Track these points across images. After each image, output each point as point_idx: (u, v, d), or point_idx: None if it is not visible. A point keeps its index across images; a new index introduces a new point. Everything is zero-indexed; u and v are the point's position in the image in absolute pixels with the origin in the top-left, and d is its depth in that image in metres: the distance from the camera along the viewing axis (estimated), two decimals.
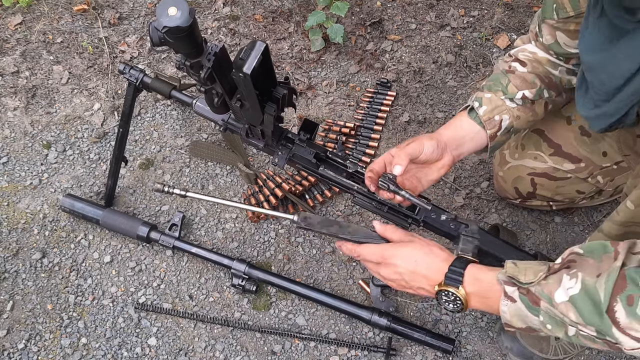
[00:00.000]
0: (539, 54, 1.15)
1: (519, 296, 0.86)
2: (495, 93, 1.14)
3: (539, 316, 0.84)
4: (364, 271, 1.50)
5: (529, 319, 0.86)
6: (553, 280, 0.82)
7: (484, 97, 1.14)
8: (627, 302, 0.74)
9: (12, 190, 1.62)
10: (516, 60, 1.16)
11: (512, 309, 0.87)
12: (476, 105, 1.13)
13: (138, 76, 1.44)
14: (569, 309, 0.79)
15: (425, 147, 1.07)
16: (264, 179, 1.60)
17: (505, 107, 1.14)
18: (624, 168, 1.28)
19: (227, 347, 1.41)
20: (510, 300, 0.87)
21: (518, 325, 0.88)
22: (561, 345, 1.33)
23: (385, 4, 1.95)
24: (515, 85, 1.14)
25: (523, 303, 0.85)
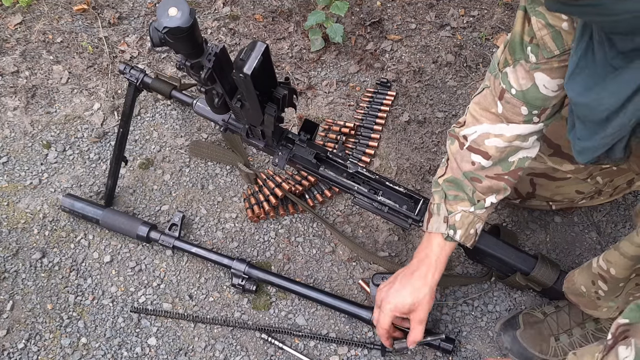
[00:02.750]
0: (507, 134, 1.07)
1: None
2: (462, 203, 1.15)
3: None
4: (364, 271, 1.50)
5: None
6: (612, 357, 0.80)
7: (456, 222, 1.15)
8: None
9: (12, 190, 1.62)
10: (479, 152, 1.10)
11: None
12: (451, 234, 1.16)
13: (138, 76, 1.44)
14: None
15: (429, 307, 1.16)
16: (264, 179, 1.60)
17: (476, 218, 1.16)
18: (623, 169, 1.28)
19: (227, 346, 1.41)
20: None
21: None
22: (561, 346, 1.33)
23: (385, 4, 1.95)
24: (482, 192, 1.14)
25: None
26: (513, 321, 1.38)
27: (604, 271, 1.10)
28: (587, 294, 1.18)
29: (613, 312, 1.20)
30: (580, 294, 1.21)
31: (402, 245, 1.54)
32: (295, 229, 1.57)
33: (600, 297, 1.16)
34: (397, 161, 1.66)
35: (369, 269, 1.50)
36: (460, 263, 1.51)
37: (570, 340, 1.33)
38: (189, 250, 1.46)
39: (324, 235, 1.56)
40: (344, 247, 1.54)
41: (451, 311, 1.45)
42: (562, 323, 1.34)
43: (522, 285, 1.34)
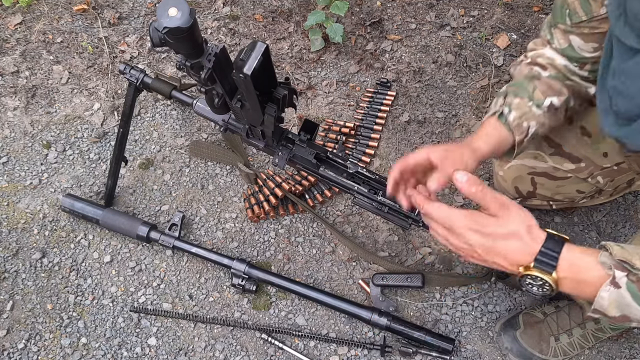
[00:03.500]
0: (557, 60, 1.12)
1: (627, 283, 0.77)
2: (522, 99, 1.11)
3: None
4: (364, 271, 1.50)
5: (630, 310, 0.78)
6: None
7: (514, 102, 1.11)
8: None
9: (12, 190, 1.62)
10: (537, 65, 1.14)
11: (612, 296, 0.79)
12: (506, 111, 1.11)
13: (138, 76, 1.44)
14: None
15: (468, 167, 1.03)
16: (264, 179, 1.60)
17: (532, 114, 1.11)
18: (624, 169, 1.28)
19: (227, 346, 1.41)
20: (614, 287, 0.78)
21: (612, 313, 0.81)
22: (561, 347, 1.33)
23: (385, 4, 1.95)
24: (542, 91, 1.11)
25: (629, 291, 0.77)
26: (513, 321, 1.38)
27: None
28: None
29: None
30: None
31: (402, 245, 1.54)
32: (295, 229, 1.57)
33: None
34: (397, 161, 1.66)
35: (369, 269, 1.50)
36: (460, 263, 1.51)
37: (570, 340, 1.33)
38: (189, 250, 1.46)
39: (324, 235, 1.56)
40: (344, 247, 1.54)
41: (451, 311, 1.45)
42: (562, 323, 1.34)
43: None
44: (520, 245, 0.83)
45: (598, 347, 1.40)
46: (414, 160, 1.02)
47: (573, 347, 1.33)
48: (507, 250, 0.84)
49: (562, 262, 0.81)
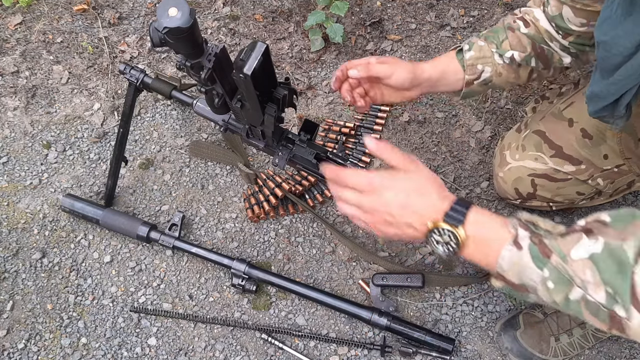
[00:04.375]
0: (541, 21, 1.15)
1: (529, 245, 0.77)
2: (489, 44, 1.17)
3: (544, 270, 0.76)
4: (364, 271, 1.50)
5: (527, 274, 0.78)
6: (571, 239, 0.75)
7: (476, 44, 1.17)
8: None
9: (12, 190, 1.62)
10: (522, 19, 1.18)
11: (514, 258, 0.78)
12: (465, 48, 1.17)
13: (139, 76, 1.44)
14: (585, 266, 0.72)
15: (395, 76, 1.10)
16: (264, 179, 1.60)
17: (491, 60, 1.17)
18: (624, 171, 1.28)
19: (227, 347, 1.41)
20: (516, 247, 0.78)
21: (511, 278, 0.80)
22: (561, 347, 1.33)
23: (385, 4, 1.95)
24: (510, 43, 1.16)
25: (531, 253, 0.77)
26: (513, 321, 1.38)
27: None
28: None
29: None
30: None
31: (402, 245, 1.54)
32: (295, 229, 1.57)
33: None
34: None
35: (369, 269, 1.50)
36: (460, 263, 1.51)
37: (570, 341, 1.33)
38: (189, 250, 1.46)
39: (324, 235, 1.56)
40: (344, 247, 1.54)
41: (451, 311, 1.45)
42: (562, 323, 1.34)
43: None
44: (432, 200, 0.84)
45: (598, 347, 1.40)
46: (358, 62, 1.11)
47: (573, 347, 1.33)
48: (420, 206, 0.84)
49: (470, 217, 0.82)
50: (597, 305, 0.73)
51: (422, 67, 1.16)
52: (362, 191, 0.88)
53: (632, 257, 0.70)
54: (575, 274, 0.73)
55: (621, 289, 0.70)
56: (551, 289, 0.76)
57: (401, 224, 0.86)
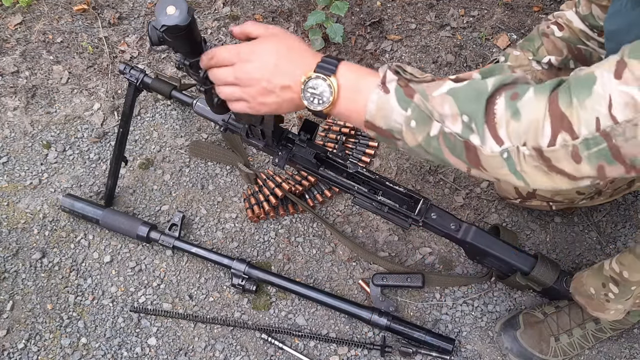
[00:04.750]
0: (575, 22, 1.16)
1: (395, 87, 0.78)
2: (525, 52, 1.18)
3: (407, 110, 0.77)
4: (364, 271, 1.50)
5: (393, 115, 0.79)
6: (436, 84, 0.78)
7: (512, 54, 1.19)
8: (510, 97, 0.71)
9: (12, 190, 1.62)
10: (555, 24, 1.18)
11: (381, 102, 0.79)
12: (502, 60, 1.18)
13: (138, 76, 1.44)
14: (444, 100, 0.75)
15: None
16: (264, 179, 1.60)
17: (529, 68, 1.17)
18: None
19: (227, 347, 1.41)
20: (384, 91, 0.79)
21: (379, 123, 0.81)
22: (561, 347, 1.33)
23: (385, 4, 1.95)
24: (547, 49, 1.17)
25: (396, 95, 0.78)
26: (513, 321, 1.38)
27: (617, 274, 1.10)
28: (597, 296, 1.19)
29: (620, 314, 1.21)
30: (589, 296, 1.21)
31: (402, 245, 1.54)
32: (295, 229, 1.57)
33: (609, 300, 1.16)
34: (397, 161, 1.66)
35: (369, 269, 1.50)
36: (460, 263, 1.51)
37: (570, 341, 1.33)
38: (189, 250, 1.46)
39: (324, 235, 1.56)
40: (344, 247, 1.54)
41: (451, 311, 1.45)
42: (562, 323, 1.34)
43: (522, 285, 1.34)
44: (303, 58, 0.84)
45: (598, 347, 1.40)
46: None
47: (573, 348, 1.33)
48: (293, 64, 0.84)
49: (341, 68, 0.82)
50: (454, 137, 0.75)
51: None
52: (232, 64, 0.86)
53: (491, 87, 0.72)
54: (434, 109, 0.75)
55: (476, 115, 0.72)
56: (413, 128, 0.78)
57: (278, 88, 0.85)
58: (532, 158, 0.70)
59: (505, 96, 0.71)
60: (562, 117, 0.67)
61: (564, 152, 0.68)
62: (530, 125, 0.69)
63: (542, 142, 0.69)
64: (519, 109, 0.70)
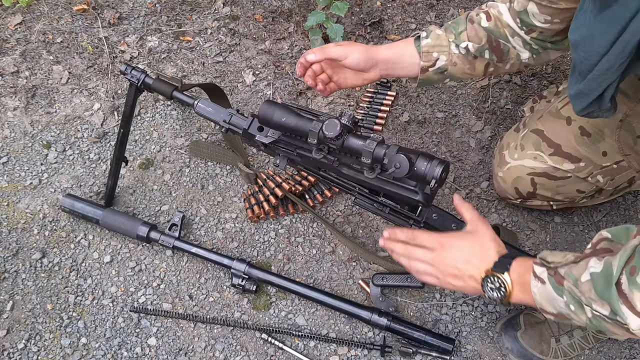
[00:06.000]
0: (504, 16, 1.19)
1: (547, 277, 0.89)
2: (448, 34, 1.22)
3: (563, 296, 0.86)
4: (364, 271, 1.50)
5: (556, 302, 0.88)
6: (582, 264, 0.84)
7: (434, 32, 1.22)
8: (630, 272, 0.76)
9: (12, 190, 1.62)
10: (485, 13, 1.21)
11: (542, 291, 0.90)
12: (423, 35, 1.22)
13: (140, 77, 1.44)
14: (590, 286, 0.81)
15: (351, 56, 1.17)
16: (264, 179, 1.60)
17: (447, 49, 1.21)
18: (624, 167, 1.28)
19: (227, 347, 1.41)
20: (540, 282, 0.90)
21: (549, 309, 0.91)
22: (561, 348, 1.33)
23: (385, 4, 1.95)
24: (468, 35, 1.21)
25: (550, 284, 0.88)
26: (514, 321, 1.38)
27: None
28: None
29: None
30: None
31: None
32: (295, 229, 1.57)
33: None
34: None
35: (369, 269, 1.50)
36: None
37: (570, 342, 1.33)
38: (189, 250, 1.46)
39: (324, 235, 1.56)
40: (344, 247, 1.54)
41: (451, 311, 1.45)
42: (562, 324, 1.34)
43: None
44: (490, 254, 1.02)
45: (598, 348, 1.40)
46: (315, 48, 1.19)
47: (573, 349, 1.33)
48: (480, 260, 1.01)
49: (514, 265, 0.98)
50: (603, 316, 0.82)
51: (378, 48, 1.22)
52: (432, 249, 1.05)
53: (616, 269, 0.78)
54: (583, 294, 0.82)
55: (611, 299, 0.78)
56: (574, 312, 0.86)
57: (465, 277, 1.02)
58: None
59: (626, 273, 0.77)
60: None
61: None
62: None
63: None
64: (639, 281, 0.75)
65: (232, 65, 1.85)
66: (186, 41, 1.89)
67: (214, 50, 1.87)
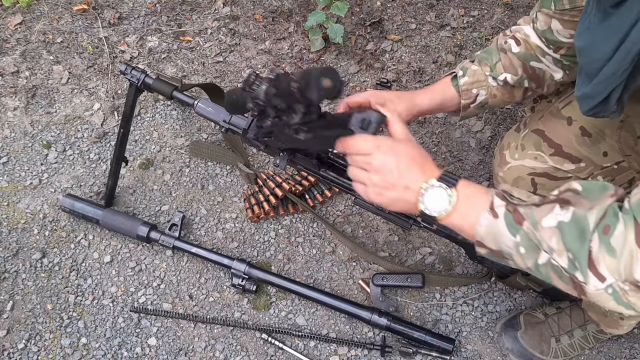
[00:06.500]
0: (532, 38, 1.18)
1: (504, 213, 0.81)
2: (483, 67, 1.21)
3: (517, 236, 0.80)
4: (364, 271, 1.50)
5: (503, 239, 0.82)
6: (545, 208, 0.79)
7: (470, 69, 1.21)
8: (603, 231, 0.72)
9: (12, 190, 1.62)
10: (513, 38, 1.21)
11: (491, 225, 0.82)
12: (460, 74, 1.21)
13: (140, 77, 1.44)
14: (553, 234, 0.76)
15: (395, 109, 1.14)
16: (264, 179, 1.60)
17: (485, 84, 1.21)
18: (624, 168, 1.28)
19: (227, 347, 1.41)
20: (492, 215, 0.82)
21: (488, 244, 0.84)
22: (562, 348, 1.33)
23: (385, 4, 1.95)
24: (504, 65, 1.20)
25: (505, 220, 0.81)
26: (514, 321, 1.38)
27: None
28: (610, 314, 1.19)
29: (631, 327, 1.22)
30: (603, 314, 1.22)
31: (402, 245, 1.54)
32: (295, 229, 1.57)
33: (624, 318, 1.17)
34: None
35: (369, 269, 1.50)
36: (460, 263, 1.51)
37: (570, 342, 1.33)
38: (189, 250, 1.46)
39: (324, 235, 1.56)
40: (344, 247, 1.54)
41: (451, 311, 1.45)
42: (563, 324, 1.34)
43: (522, 285, 1.34)
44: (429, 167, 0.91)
45: (598, 347, 1.40)
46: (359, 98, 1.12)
47: (574, 348, 1.33)
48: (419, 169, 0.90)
49: (462, 182, 0.88)
50: (560, 269, 0.77)
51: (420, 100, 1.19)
52: (369, 153, 0.93)
53: (593, 225, 0.73)
54: (543, 240, 0.77)
55: (579, 255, 0.74)
56: (523, 254, 0.81)
57: (401, 187, 0.90)
58: (634, 291, 0.72)
59: (598, 231, 0.73)
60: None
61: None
62: (627, 261, 0.70)
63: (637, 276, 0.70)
64: (613, 244, 0.71)
65: (232, 65, 1.85)
66: (186, 41, 1.89)
67: (214, 50, 1.87)
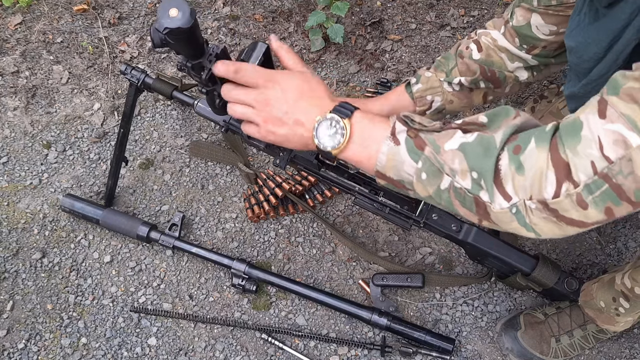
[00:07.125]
0: (499, 41, 1.16)
1: (405, 139, 0.78)
2: (438, 73, 1.20)
3: (418, 162, 0.77)
4: (364, 271, 1.50)
5: (404, 167, 0.79)
6: (446, 134, 0.77)
7: (423, 76, 1.21)
8: (513, 150, 0.71)
9: (12, 190, 1.62)
10: (476, 42, 1.19)
11: (392, 153, 0.79)
12: (413, 82, 1.21)
13: (140, 77, 1.44)
14: (455, 155, 0.75)
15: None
16: (264, 179, 1.60)
17: (440, 90, 1.20)
18: None
19: (227, 347, 1.41)
20: (394, 142, 0.79)
21: (389, 174, 0.81)
22: (562, 348, 1.33)
23: (385, 4, 1.95)
24: (460, 70, 1.19)
25: (407, 146, 0.78)
26: (514, 321, 1.38)
27: (628, 289, 1.11)
28: (606, 310, 1.19)
29: (628, 325, 1.22)
30: (599, 309, 1.22)
31: (402, 245, 1.54)
32: (295, 229, 1.57)
33: (619, 314, 1.17)
34: None
35: (369, 269, 1.50)
36: (461, 263, 1.51)
37: (571, 342, 1.33)
38: (189, 250, 1.46)
39: (324, 235, 1.56)
40: (344, 247, 1.54)
41: (451, 311, 1.45)
42: (563, 324, 1.34)
43: (523, 285, 1.34)
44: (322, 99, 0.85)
45: (598, 347, 1.40)
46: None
47: (574, 348, 1.33)
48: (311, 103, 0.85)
49: (357, 113, 0.83)
50: (463, 191, 0.75)
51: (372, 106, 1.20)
52: (256, 86, 0.86)
53: (499, 143, 0.72)
54: (445, 163, 0.75)
55: (485, 172, 0.72)
56: (424, 180, 0.78)
57: (292, 121, 0.85)
58: (539, 210, 0.70)
59: (508, 150, 0.71)
60: (564, 166, 0.67)
61: (569, 201, 0.67)
62: (535, 178, 0.69)
63: (546, 194, 0.68)
64: (522, 162, 0.70)
65: None
66: None
67: None
